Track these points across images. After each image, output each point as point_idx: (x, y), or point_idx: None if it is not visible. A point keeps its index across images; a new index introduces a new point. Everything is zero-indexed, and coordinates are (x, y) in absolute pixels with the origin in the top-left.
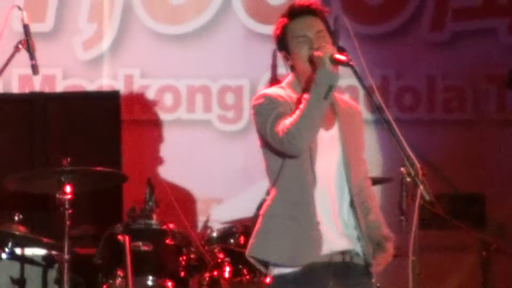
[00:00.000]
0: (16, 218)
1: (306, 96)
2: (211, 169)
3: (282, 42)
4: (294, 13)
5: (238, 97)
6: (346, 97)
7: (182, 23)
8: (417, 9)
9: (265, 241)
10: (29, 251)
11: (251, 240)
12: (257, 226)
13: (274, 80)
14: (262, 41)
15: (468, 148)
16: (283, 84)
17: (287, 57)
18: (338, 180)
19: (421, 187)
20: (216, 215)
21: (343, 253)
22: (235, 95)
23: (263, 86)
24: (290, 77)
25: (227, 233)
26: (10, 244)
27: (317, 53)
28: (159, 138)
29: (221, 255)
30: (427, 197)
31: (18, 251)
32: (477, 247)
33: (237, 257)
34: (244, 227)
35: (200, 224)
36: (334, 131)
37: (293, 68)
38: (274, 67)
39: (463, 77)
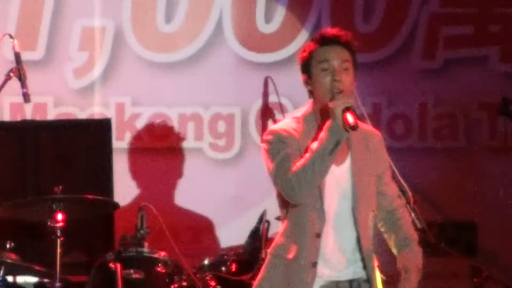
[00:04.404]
0: (7, 246)
1: (313, 145)
2: (203, 197)
3: (307, 66)
4: (324, 40)
5: (230, 125)
6: (363, 124)
7: (173, 51)
8: (409, 37)
9: (263, 279)
10: (21, 279)
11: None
12: (265, 262)
13: (266, 108)
14: (253, 69)
15: (460, 175)
16: (299, 114)
17: (308, 82)
18: (344, 215)
19: (413, 214)
20: (208, 242)
21: (350, 281)
22: (227, 123)
23: (254, 113)
24: (307, 107)
25: (218, 261)
26: (1, 272)
27: (330, 104)
28: (150, 166)
29: (212, 283)
30: (418, 225)
31: (10, 279)
32: (469, 275)
33: (229, 285)
34: (235, 255)
35: (192, 252)
36: (346, 165)
37: (311, 93)
38: (265, 95)
39: (455, 105)
